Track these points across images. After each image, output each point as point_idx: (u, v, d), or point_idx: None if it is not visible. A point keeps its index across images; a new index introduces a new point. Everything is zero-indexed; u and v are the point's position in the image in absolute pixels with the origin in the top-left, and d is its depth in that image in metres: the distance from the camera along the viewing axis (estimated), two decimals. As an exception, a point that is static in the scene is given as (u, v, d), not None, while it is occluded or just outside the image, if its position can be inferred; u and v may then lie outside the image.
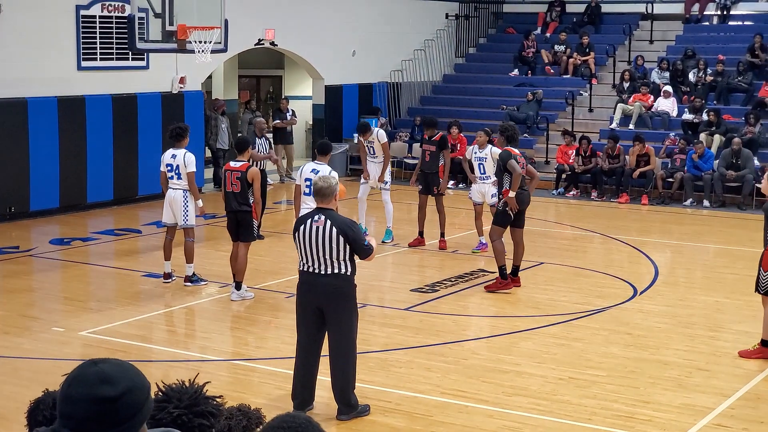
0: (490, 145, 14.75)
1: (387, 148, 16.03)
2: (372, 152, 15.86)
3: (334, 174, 10.59)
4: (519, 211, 12.81)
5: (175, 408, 2.98)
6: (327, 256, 8.12)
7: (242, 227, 12.37)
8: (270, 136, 21.00)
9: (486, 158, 14.75)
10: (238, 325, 11.71)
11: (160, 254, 13.45)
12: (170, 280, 13.17)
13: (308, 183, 11.92)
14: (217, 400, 3.11)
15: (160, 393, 2.98)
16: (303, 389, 8.41)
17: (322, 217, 8.16)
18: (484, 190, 14.89)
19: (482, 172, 14.91)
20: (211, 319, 11.87)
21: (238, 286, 12.40)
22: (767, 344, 10.20)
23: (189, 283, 13.03)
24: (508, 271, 13.01)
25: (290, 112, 23.45)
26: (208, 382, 3.10)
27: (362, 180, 15.91)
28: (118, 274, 14.02)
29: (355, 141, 23.23)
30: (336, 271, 8.16)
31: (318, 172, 11.58)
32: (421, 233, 15.83)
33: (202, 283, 13.12)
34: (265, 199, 15.91)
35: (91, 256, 15.26)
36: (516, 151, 12.88)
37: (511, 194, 12.62)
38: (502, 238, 12.92)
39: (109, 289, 13.45)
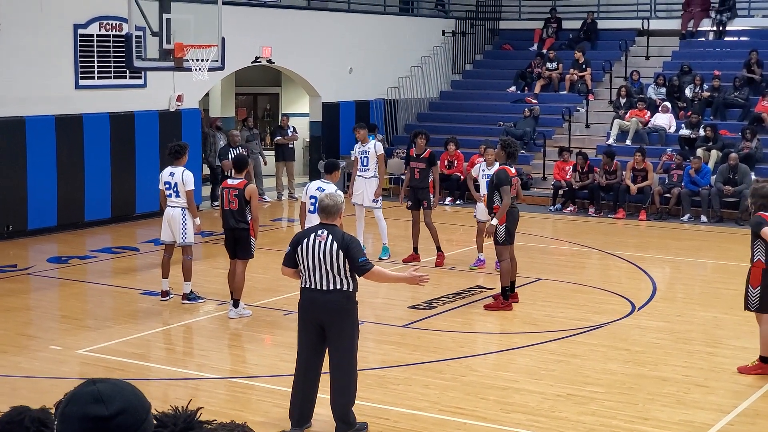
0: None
1: (383, 161, 16.04)
2: (364, 163, 15.86)
3: (340, 193, 10.62)
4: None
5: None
6: (329, 271, 8.12)
7: (240, 245, 12.36)
8: (249, 146, 21.17)
9: None
10: (235, 342, 11.70)
11: (158, 272, 13.44)
12: (168, 298, 13.15)
13: (313, 201, 11.89)
14: (213, 423, 3.12)
15: (154, 420, 2.99)
16: (301, 407, 8.39)
17: (325, 232, 8.18)
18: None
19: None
20: (208, 336, 11.86)
21: (235, 304, 12.38)
22: (766, 360, 10.19)
23: (186, 301, 13.01)
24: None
25: (291, 129, 23.50)
26: (201, 408, 3.11)
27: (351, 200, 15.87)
28: (115, 293, 14.00)
29: (352, 158, 23.29)
30: (339, 287, 8.16)
31: (324, 190, 11.57)
32: (415, 249, 15.83)
33: (200, 300, 13.11)
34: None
35: (88, 275, 15.26)
36: (513, 170, 12.91)
37: (496, 221, 12.73)
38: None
39: (106, 307, 13.43)
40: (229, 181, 12.47)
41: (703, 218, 20.06)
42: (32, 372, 10.17)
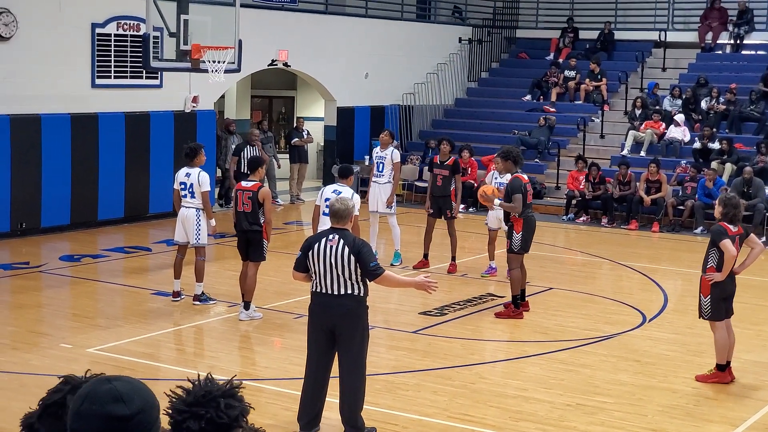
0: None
1: (398, 169, 16.04)
2: (379, 169, 15.86)
3: (357, 197, 10.64)
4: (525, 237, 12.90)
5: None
6: (340, 275, 8.12)
7: (252, 247, 12.37)
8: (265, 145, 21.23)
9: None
10: (246, 344, 11.71)
11: (170, 272, 13.46)
12: (179, 299, 13.18)
13: (329, 204, 11.90)
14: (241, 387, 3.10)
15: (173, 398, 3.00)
16: (310, 410, 8.39)
17: (336, 237, 8.18)
18: (501, 216, 14.68)
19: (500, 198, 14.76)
20: (219, 338, 11.87)
21: (246, 306, 12.39)
22: (722, 368, 10.18)
23: (198, 302, 13.03)
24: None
25: (306, 132, 23.57)
26: (235, 377, 3.10)
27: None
28: (127, 292, 14.03)
29: (367, 163, 23.31)
30: (349, 291, 8.15)
31: (340, 194, 11.58)
32: (425, 255, 15.83)
33: (211, 302, 13.12)
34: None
35: (100, 273, 15.29)
36: (525, 177, 12.98)
37: (498, 202, 12.97)
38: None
39: (117, 306, 13.46)
40: (243, 183, 12.47)
41: (717, 231, 19.97)
42: (42, 369, 10.18)
